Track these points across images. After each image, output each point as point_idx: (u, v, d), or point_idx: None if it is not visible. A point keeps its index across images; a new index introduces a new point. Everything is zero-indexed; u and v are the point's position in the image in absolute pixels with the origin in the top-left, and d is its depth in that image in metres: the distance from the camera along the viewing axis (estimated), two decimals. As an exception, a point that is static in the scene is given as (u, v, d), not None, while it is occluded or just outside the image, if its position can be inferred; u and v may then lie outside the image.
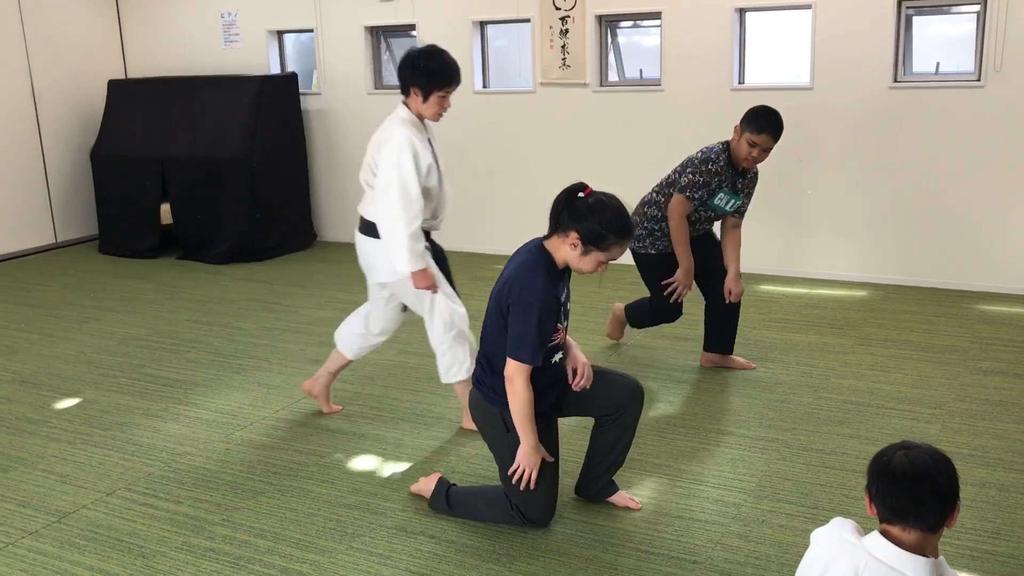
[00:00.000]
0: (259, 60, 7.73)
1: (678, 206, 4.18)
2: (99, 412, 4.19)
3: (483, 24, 6.87)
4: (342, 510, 3.21)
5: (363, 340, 3.97)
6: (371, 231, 3.66)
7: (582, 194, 2.79)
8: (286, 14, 7.54)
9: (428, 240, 3.68)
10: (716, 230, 4.53)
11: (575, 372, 3.02)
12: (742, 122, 4.10)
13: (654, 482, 3.35)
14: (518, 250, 2.94)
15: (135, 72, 8.31)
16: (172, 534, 3.09)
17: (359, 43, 7.27)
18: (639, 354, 4.74)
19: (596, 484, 3.16)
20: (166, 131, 7.41)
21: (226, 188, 7.13)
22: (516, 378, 2.82)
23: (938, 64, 5.81)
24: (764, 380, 4.30)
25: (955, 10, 5.73)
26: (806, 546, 2.02)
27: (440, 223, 3.77)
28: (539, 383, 2.89)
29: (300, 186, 7.61)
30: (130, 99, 7.69)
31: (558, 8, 6.42)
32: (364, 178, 3.69)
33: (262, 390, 4.39)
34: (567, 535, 3.01)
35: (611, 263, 2.86)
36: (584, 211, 2.75)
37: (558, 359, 2.96)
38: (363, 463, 3.59)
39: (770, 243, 6.15)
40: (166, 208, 7.41)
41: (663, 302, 4.36)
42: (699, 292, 4.47)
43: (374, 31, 7.31)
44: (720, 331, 4.46)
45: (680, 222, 4.20)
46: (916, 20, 5.67)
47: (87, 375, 4.69)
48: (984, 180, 5.51)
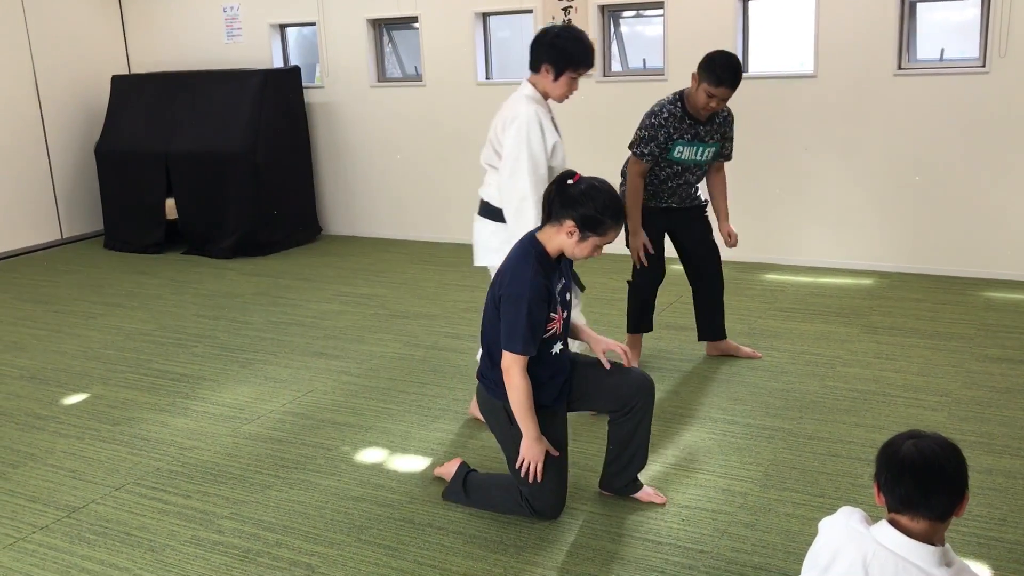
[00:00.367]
0: (262, 54, 7.73)
1: (631, 167, 4.07)
2: (107, 407, 4.21)
3: (485, 15, 6.86)
4: (350, 502, 3.23)
5: None
6: (492, 214, 3.53)
7: (571, 181, 2.80)
8: (288, 8, 7.53)
9: None
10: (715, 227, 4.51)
11: (614, 366, 3.02)
12: (700, 70, 3.88)
13: (660, 471, 3.36)
14: (514, 244, 2.96)
15: (138, 67, 8.32)
16: (181, 528, 3.11)
17: (361, 36, 7.27)
18: (644, 344, 4.74)
19: (619, 480, 3.14)
20: (170, 126, 7.41)
21: (230, 182, 7.13)
22: (511, 369, 2.82)
23: (942, 50, 5.79)
24: (770, 369, 4.30)
25: (959, -4, 5.71)
26: (813, 534, 2.02)
27: None
28: (539, 375, 2.90)
29: (304, 180, 7.61)
30: (133, 94, 7.70)
31: (560, -2, 6.41)
32: (486, 159, 3.57)
33: (269, 384, 4.40)
34: (575, 526, 3.02)
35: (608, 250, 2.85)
36: (577, 197, 2.76)
37: (557, 351, 2.96)
38: (370, 456, 3.60)
39: (775, 231, 6.14)
40: (171, 203, 7.43)
41: (639, 274, 4.27)
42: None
43: (376, 24, 7.30)
44: (709, 318, 4.45)
45: (633, 182, 4.05)
46: (920, 6, 5.64)
47: (95, 370, 4.71)
48: (989, 166, 5.49)
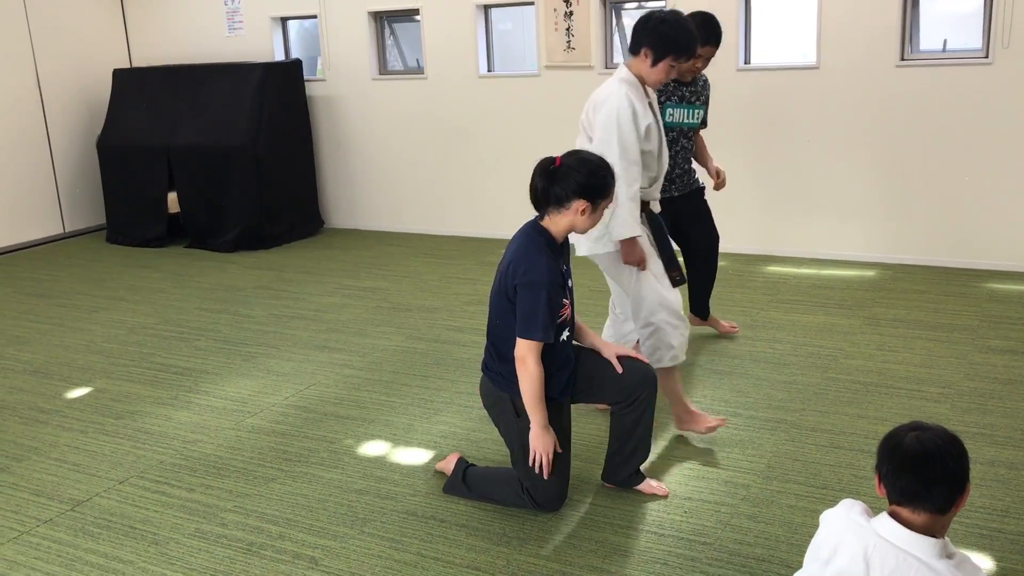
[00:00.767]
0: (263, 47, 7.72)
1: None
2: (110, 401, 4.22)
3: (487, 8, 6.84)
4: (353, 495, 3.23)
5: (612, 326, 3.81)
6: None
7: (555, 166, 2.82)
8: (289, 1, 7.51)
9: (646, 211, 3.47)
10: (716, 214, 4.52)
11: (618, 358, 3.04)
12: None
13: (663, 463, 3.36)
14: (514, 235, 2.96)
15: (140, 61, 8.32)
16: (185, 521, 3.12)
17: (363, 29, 7.25)
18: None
19: (621, 472, 3.15)
20: (171, 120, 7.41)
21: (232, 176, 7.13)
22: (528, 357, 2.82)
23: (945, 41, 5.77)
24: (772, 361, 4.30)
25: (962, -14, 5.70)
26: (815, 526, 2.03)
27: (657, 192, 3.53)
28: (549, 366, 2.89)
29: (306, 173, 7.61)
30: (135, 88, 7.69)
31: (562, -10, 6.39)
32: (577, 143, 3.50)
33: (272, 377, 4.41)
34: (577, 518, 3.02)
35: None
36: (573, 175, 2.79)
37: (566, 337, 2.96)
38: (373, 448, 3.60)
39: (778, 223, 6.13)
40: (173, 197, 7.43)
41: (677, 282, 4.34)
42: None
43: (378, 16, 7.29)
44: (700, 299, 4.63)
45: None
46: (923, -3, 5.64)
47: (98, 364, 4.72)
48: (993, 158, 5.48)
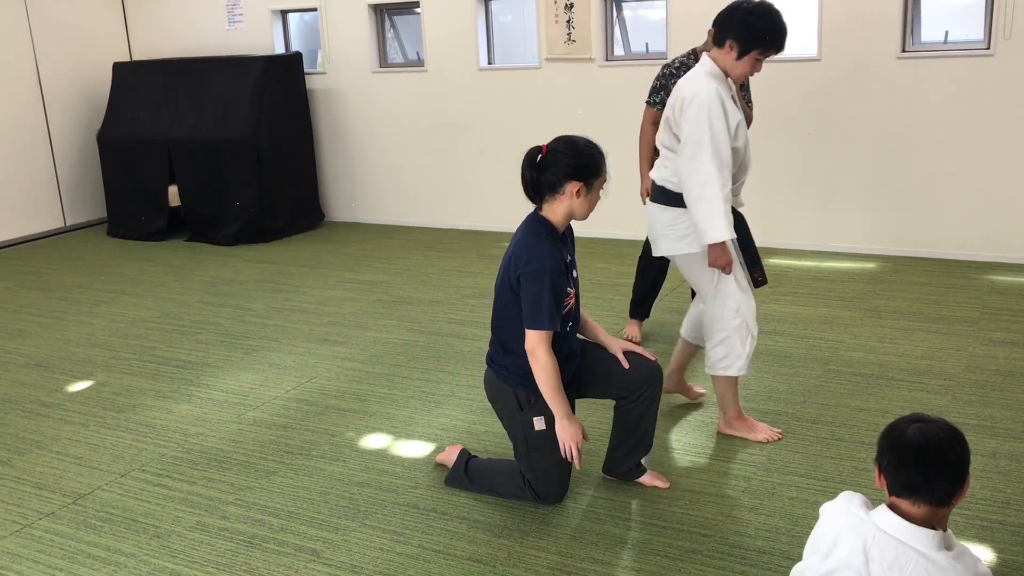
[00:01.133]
0: (263, 40, 7.70)
1: (644, 116, 4.37)
2: (112, 394, 4.22)
3: (487, 0, 6.83)
4: (354, 488, 3.24)
5: (692, 318, 3.67)
6: (669, 199, 3.34)
7: (542, 155, 2.85)
8: (289, -7, 7.51)
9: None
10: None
11: (624, 354, 3.03)
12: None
13: (664, 456, 3.36)
14: (516, 230, 2.97)
15: (140, 54, 8.30)
16: (186, 514, 3.12)
17: (363, 21, 7.24)
18: (647, 329, 4.74)
19: (622, 465, 3.15)
20: (172, 113, 7.40)
21: (233, 169, 7.13)
22: (538, 348, 2.79)
23: (947, 33, 5.75)
24: (773, 354, 4.30)
25: (964, -22, 5.68)
26: (816, 518, 2.03)
27: (740, 189, 3.40)
28: (557, 359, 2.87)
29: (307, 166, 7.60)
30: (135, 82, 7.68)
31: (562, -18, 6.37)
32: (661, 141, 3.43)
33: (273, 370, 4.41)
34: (578, 510, 3.03)
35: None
36: (560, 158, 2.82)
37: (569, 328, 2.95)
38: (374, 441, 3.61)
39: (778, 215, 6.13)
40: (174, 190, 7.42)
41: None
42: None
43: (378, 9, 7.27)
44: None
45: (642, 128, 4.34)
46: (924, -12, 5.62)
47: (99, 358, 4.72)
48: (994, 149, 5.47)
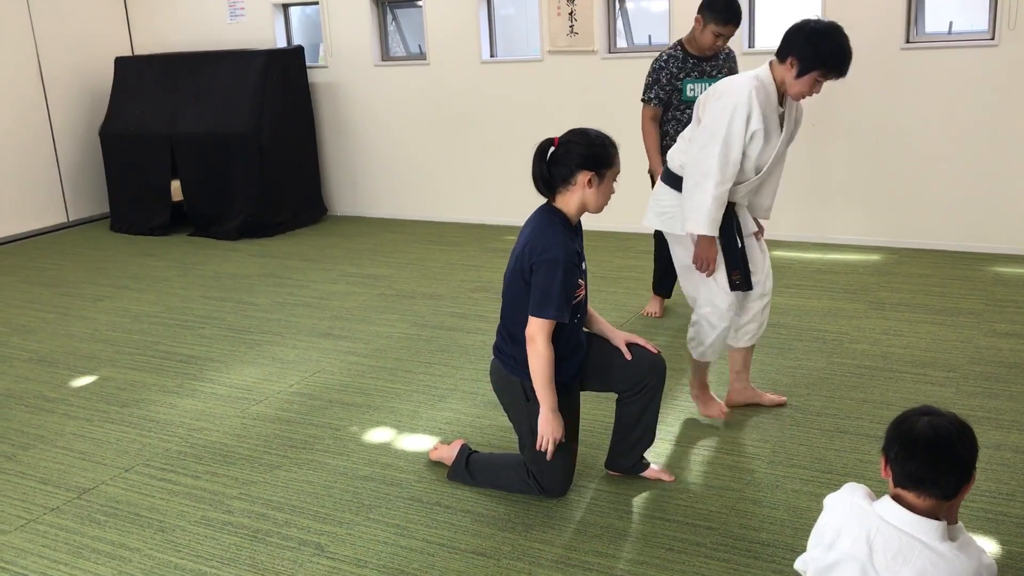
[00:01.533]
0: (265, 34, 7.69)
1: (642, 115, 4.49)
2: (115, 389, 4.23)
3: (489, -7, 6.82)
4: (358, 482, 3.24)
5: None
6: (671, 180, 3.41)
7: (554, 147, 2.84)
8: (291, -13, 7.49)
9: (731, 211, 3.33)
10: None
11: (627, 345, 3.03)
12: (704, 11, 4.20)
13: (668, 449, 3.36)
14: (529, 218, 2.95)
15: (141, 49, 8.29)
16: (191, 508, 3.13)
17: (365, 15, 7.22)
18: (651, 320, 4.74)
19: (625, 459, 3.14)
20: (174, 107, 7.40)
21: (235, 164, 7.12)
22: (538, 336, 2.79)
23: (951, 23, 5.73)
24: (777, 346, 4.29)
25: (968, -32, 5.65)
26: (820, 510, 2.02)
27: (741, 198, 3.35)
28: (562, 350, 2.88)
29: (309, 160, 7.59)
30: (137, 76, 7.67)
31: (565, -25, 6.35)
32: (684, 134, 3.45)
33: (276, 364, 4.41)
34: (582, 504, 3.03)
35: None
36: (572, 148, 2.82)
37: (577, 320, 2.95)
38: (378, 435, 3.61)
39: (782, 207, 6.09)
40: (176, 185, 7.42)
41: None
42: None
43: (379, 2, 7.25)
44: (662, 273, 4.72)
45: (644, 126, 4.48)
46: (928, -21, 5.59)
47: (103, 353, 4.73)
48: (998, 140, 5.45)
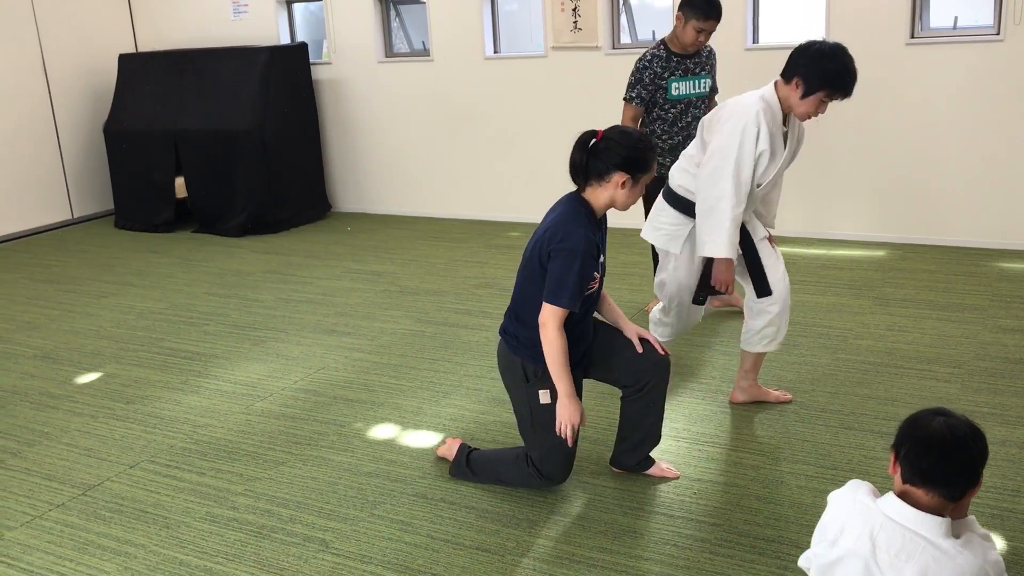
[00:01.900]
0: (268, 31, 7.69)
1: (623, 114, 4.42)
2: (120, 386, 4.23)
3: (493, -11, 6.81)
4: (363, 478, 3.24)
5: (746, 319, 3.65)
6: (678, 204, 3.44)
7: (596, 139, 2.82)
8: (294, -17, 7.49)
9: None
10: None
11: (640, 340, 3.02)
12: (684, 8, 4.21)
13: (672, 445, 3.36)
14: (555, 204, 2.94)
15: (145, 46, 8.29)
16: (195, 505, 3.13)
17: (368, 11, 7.22)
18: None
19: (629, 459, 3.13)
20: (178, 104, 7.40)
21: (239, 160, 7.12)
22: (549, 323, 2.79)
23: (956, 18, 5.71)
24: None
25: (973, -38, 5.63)
26: (824, 506, 2.02)
27: (769, 221, 3.54)
28: (567, 337, 2.85)
29: (313, 157, 7.59)
30: (141, 73, 7.68)
31: (568, -30, 6.34)
32: (688, 152, 3.48)
33: (281, 361, 4.42)
34: (587, 500, 3.03)
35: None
36: (615, 148, 2.79)
37: (586, 310, 2.94)
38: (382, 432, 3.61)
39: (786, 204, 6.07)
40: (180, 181, 7.43)
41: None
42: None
43: (383, -2, 7.26)
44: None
45: (624, 124, 4.36)
46: (933, -26, 5.58)
47: (107, 349, 4.73)
48: (1003, 136, 5.43)
